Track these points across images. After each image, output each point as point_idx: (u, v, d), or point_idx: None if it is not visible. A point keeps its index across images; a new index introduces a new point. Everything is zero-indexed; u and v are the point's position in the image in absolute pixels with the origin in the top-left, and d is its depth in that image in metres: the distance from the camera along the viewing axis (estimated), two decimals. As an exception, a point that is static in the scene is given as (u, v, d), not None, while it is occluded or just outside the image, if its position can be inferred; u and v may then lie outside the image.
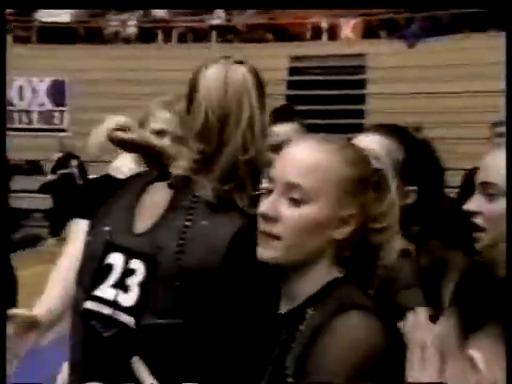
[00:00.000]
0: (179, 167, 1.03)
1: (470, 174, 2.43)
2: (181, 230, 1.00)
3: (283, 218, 0.88)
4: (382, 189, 0.92)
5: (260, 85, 1.06)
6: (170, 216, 1.02)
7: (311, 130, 1.91)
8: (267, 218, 0.89)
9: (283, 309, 0.93)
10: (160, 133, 1.59)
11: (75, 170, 8.86)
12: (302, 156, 0.90)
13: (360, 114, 10.01)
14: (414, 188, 1.16)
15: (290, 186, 0.88)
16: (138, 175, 1.17)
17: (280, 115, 1.76)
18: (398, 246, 0.93)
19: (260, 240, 0.90)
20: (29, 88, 11.05)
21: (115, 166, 1.75)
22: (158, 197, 1.06)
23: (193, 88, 1.05)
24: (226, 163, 1.01)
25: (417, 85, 9.44)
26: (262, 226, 0.90)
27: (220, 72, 1.03)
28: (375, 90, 10.03)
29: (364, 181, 0.91)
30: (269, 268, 0.92)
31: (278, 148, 1.00)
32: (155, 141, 1.45)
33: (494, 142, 2.36)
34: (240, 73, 1.04)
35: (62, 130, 11.06)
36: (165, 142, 1.53)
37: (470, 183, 2.33)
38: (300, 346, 0.86)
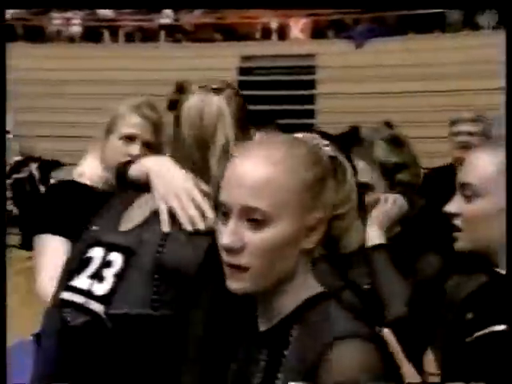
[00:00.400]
0: None
1: (430, 174, 2.43)
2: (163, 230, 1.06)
3: (248, 246, 0.81)
4: (339, 175, 0.88)
5: (240, 109, 1.15)
6: (157, 218, 1.08)
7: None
8: (232, 251, 0.81)
9: (262, 327, 0.87)
10: (130, 138, 1.57)
11: (36, 173, 8.56)
12: (252, 173, 0.81)
13: (311, 114, 10.08)
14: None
15: (247, 210, 0.81)
16: (131, 185, 1.23)
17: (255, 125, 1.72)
18: (358, 234, 0.90)
19: (227, 272, 0.83)
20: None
21: (81, 171, 1.69)
22: (146, 203, 1.13)
23: (176, 121, 1.17)
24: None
25: (366, 84, 9.59)
26: (227, 258, 0.82)
27: (197, 105, 1.15)
28: (325, 90, 10.12)
29: (323, 177, 0.85)
30: None
31: None
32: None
33: (456, 141, 2.37)
34: (215, 104, 1.14)
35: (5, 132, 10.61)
36: (135, 148, 1.55)
37: (428, 183, 2.34)
38: (290, 375, 0.79)
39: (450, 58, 9.29)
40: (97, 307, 1.04)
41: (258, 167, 0.81)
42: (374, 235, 1.39)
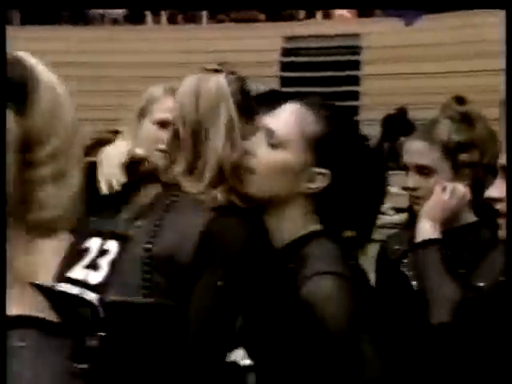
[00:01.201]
0: (170, 174, 1.07)
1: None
2: (158, 216, 1.04)
3: None
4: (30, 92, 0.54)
5: (240, 91, 1.08)
6: (153, 206, 1.07)
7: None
8: None
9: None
10: (164, 123, 1.46)
11: None
12: None
13: (355, 95, 9.79)
14: (326, 171, 1.01)
15: None
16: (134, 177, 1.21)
17: (264, 104, 1.57)
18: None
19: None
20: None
21: (105, 155, 1.61)
22: (148, 192, 1.11)
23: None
24: (211, 169, 1.04)
25: (414, 64, 9.22)
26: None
27: (193, 83, 1.07)
28: (371, 71, 9.80)
29: None
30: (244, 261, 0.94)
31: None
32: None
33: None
34: (213, 82, 1.07)
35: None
36: (164, 134, 1.49)
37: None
38: None
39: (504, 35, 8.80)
40: (91, 296, 1.02)
41: None
42: (425, 229, 1.25)
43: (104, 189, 1.12)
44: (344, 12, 10.71)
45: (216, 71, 1.07)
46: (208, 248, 0.98)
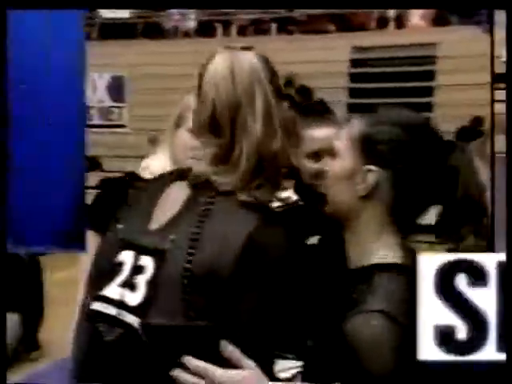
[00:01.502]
0: (198, 166, 1.01)
1: None
2: (194, 229, 0.97)
3: None
4: None
5: (272, 72, 1.02)
6: (186, 214, 1.00)
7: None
8: None
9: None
10: None
11: None
12: None
13: (428, 106, 9.45)
14: (374, 167, 0.98)
15: None
16: (160, 176, 1.15)
17: (312, 115, 1.48)
18: None
19: None
20: (89, 84, 11.24)
21: (147, 164, 1.64)
22: (177, 196, 1.03)
23: (200, 82, 1.03)
24: (248, 157, 0.97)
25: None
26: None
27: (226, 60, 1.01)
28: (445, 81, 9.44)
29: None
30: (290, 269, 0.89)
31: (314, 156, 1.04)
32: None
33: None
34: (247, 59, 1.01)
35: (121, 126, 11.17)
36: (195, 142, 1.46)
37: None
38: None
39: None
40: (131, 319, 0.96)
41: None
42: None
43: None
44: (418, 21, 10.40)
45: (246, 48, 1.02)
46: (250, 263, 0.92)
